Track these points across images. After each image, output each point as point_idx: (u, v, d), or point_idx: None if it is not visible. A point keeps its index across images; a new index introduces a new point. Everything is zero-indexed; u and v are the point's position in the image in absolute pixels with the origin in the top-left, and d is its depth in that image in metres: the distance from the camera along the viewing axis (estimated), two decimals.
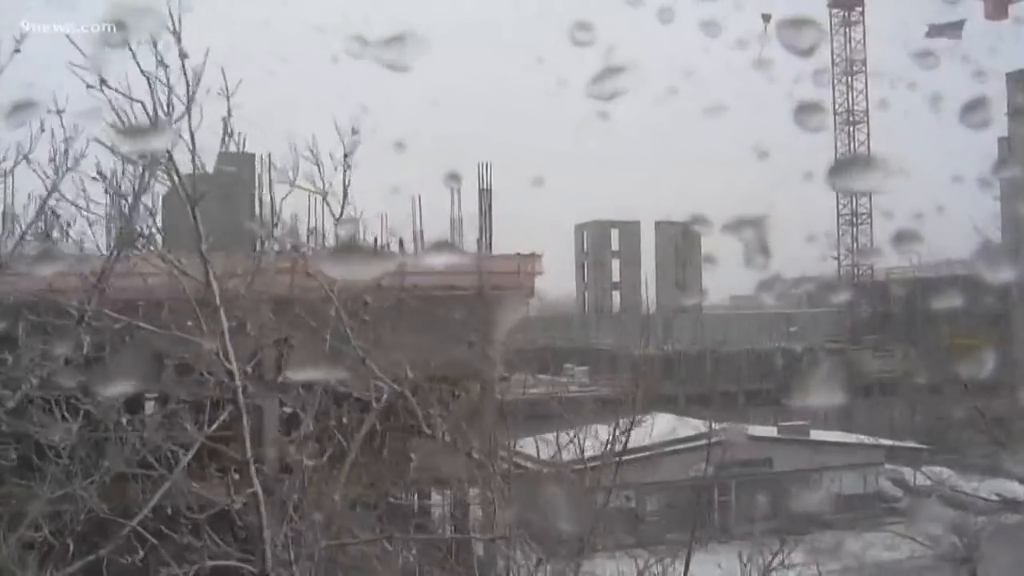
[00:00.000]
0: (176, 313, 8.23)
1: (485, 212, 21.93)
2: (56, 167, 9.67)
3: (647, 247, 62.17)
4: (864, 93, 62.33)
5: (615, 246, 63.68)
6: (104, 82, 7.81)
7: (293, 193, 11.07)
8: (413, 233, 21.12)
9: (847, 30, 62.96)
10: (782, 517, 30.35)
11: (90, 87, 7.81)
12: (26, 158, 9.65)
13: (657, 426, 26.88)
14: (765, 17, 41.84)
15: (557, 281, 58.39)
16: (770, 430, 36.07)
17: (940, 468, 30.85)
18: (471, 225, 21.62)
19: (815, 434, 35.74)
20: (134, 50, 7.86)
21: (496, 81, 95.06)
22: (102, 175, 8.83)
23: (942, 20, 41.83)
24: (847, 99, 62.47)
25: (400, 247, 18.77)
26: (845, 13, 62.72)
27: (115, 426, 8.80)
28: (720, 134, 71.86)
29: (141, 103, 7.96)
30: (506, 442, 13.41)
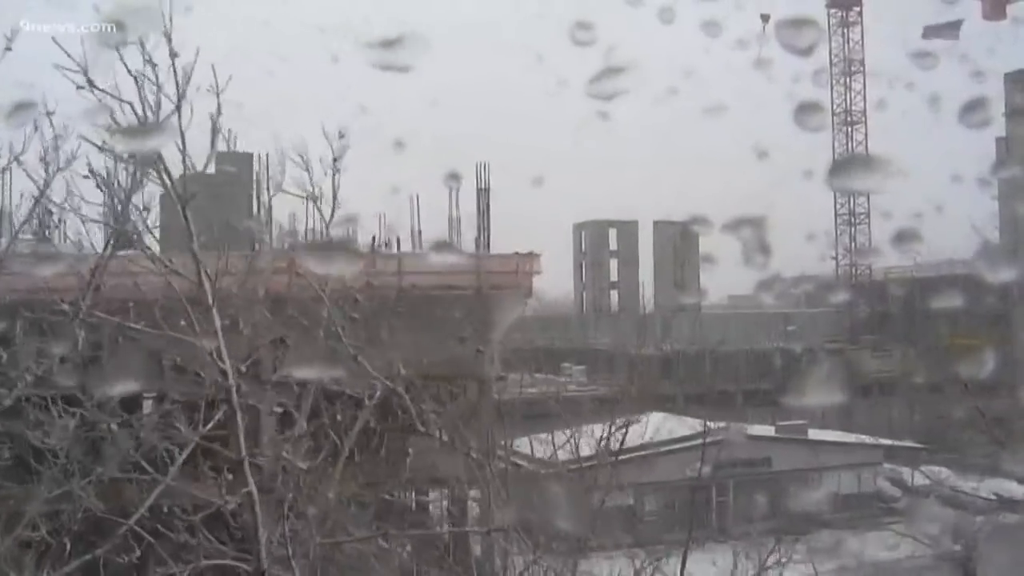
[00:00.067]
0: (169, 312, 8.21)
1: (483, 212, 21.95)
2: (47, 166, 9.64)
3: (646, 247, 62.31)
4: (862, 93, 62.44)
5: (613, 246, 63.70)
6: (92, 83, 7.78)
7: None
8: (411, 232, 21.16)
9: (845, 30, 62.96)
10: (780, 517, 30.34)
11: (80, 88, 7.78)
12: (17, 160, 9.62)
13: (655, 425, 26.90)
14: (764, 17, 41.94)
15: (555, 281, 58.45)
16: (768, 430, 36.05)
17: (939, 468, 30.86)
18: (469, 224, 21.64)
19: (813, 434, 35.73)
20: (130, 49, 7.83)
21: (496, 81, 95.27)
22: (94, 174, 8.79)
23: (940, 21, 41.81)
24: (845, 99, 62.48)
25: (385, 246, 18.77)
26: (843, 13, 62.71)
27: (112, 426, 8.77)
28: (720, 134, 72.03)
29: (130, 104, 7.92)
30: (503, 441, 13.40)
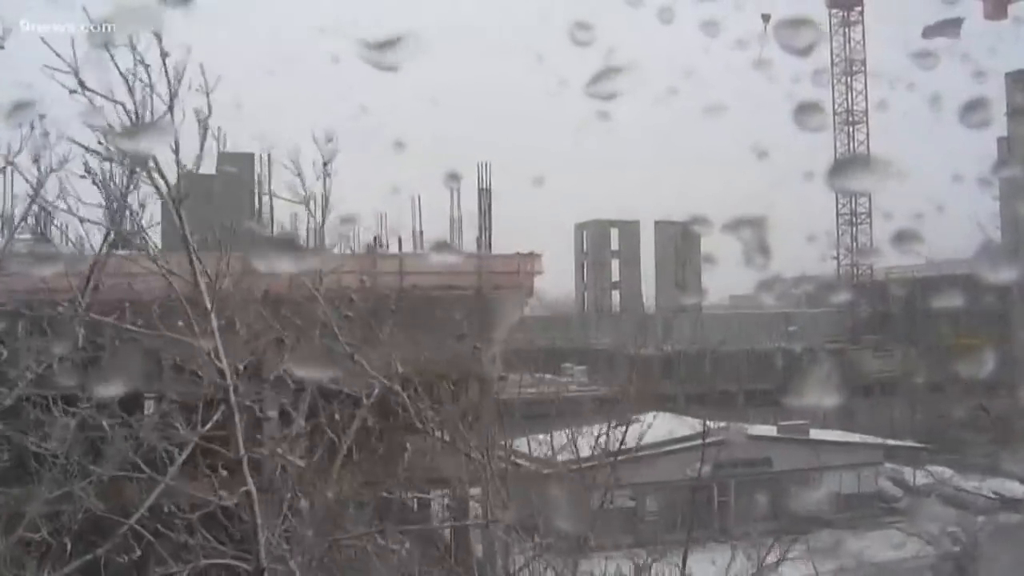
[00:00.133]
0: (168, 312, 8.22)
1: (485, 212, 21.98)
2: (39, 166, 9.63)
3: (647, 247, 62.32)
4: (864, 93, 62.44)
5: (615, 246, 63.71)
6: (83, 84, 7.78)
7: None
8: (413, 232, 21.20)
9: (846, 30, 62.95)
10: (781, 517, 30.32)
11: (73, 92, 7.78)
12: (10, 163, 9.61)
13: (656, 425, 26.88)
14: (765, 17, 41.85)
15: (557, 281, 58.41)
16: (770, 430, 36.03)
17: (940, 467, 30.87)
18: (471, 225, 21.68)
19: (815, 433, 35.69)
20: (125, 49, 7.82)
21: (496, 81, 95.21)
22: (90, 173, 8.77)
23: (940, 20, 41.67)
24: (846, 99, 62.47)
25: (380, 245, 18.80)
26: (844, 13, 62.69)
27: (112, 426, 8.77)
28: (720, 134, 71.91)
29: (122, 104, 7.92)
30: (503, 440, 13.40)
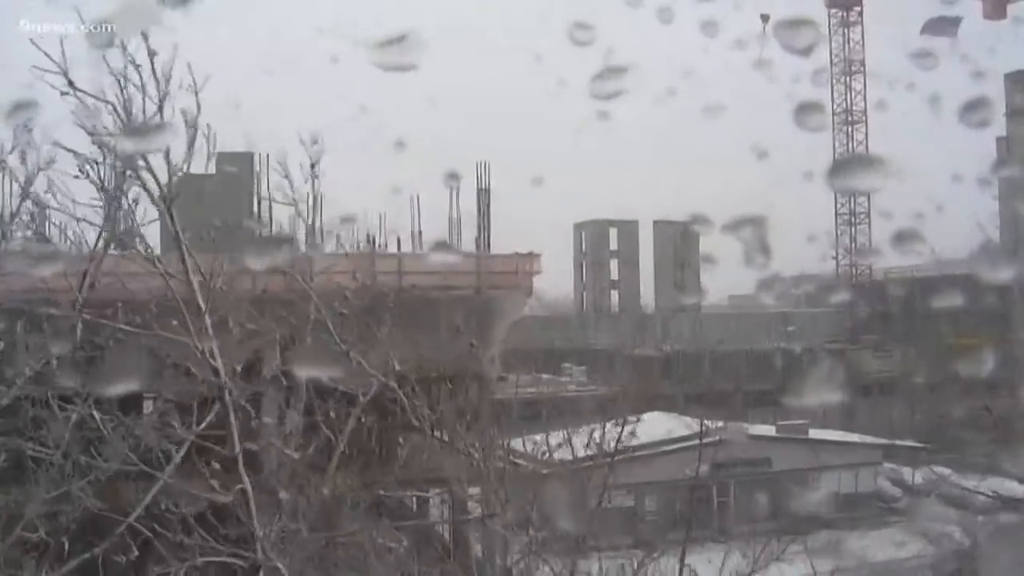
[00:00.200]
0: (164, 311, 8.22)
1: (484, 212, 21.96)
2: (27, 165, 9.64)
3: (646, 247, 62.25)
4: (863, 93, 62.44)
5: (614, 245, 63.68)
6: (72, 84, 7.79)
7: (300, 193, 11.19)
8: (412, 232, 21.18)
9: (846, 30, 62.93)
10: (781, 516, 30.32)
11: (64, 93, 7.79)
12: (1, 162, 9.61)
13: (655, 425, 26.86)
14: (764, 17, 41.80)
15: (556, 281, 58.32)
16: (769, 429, 36.04)
17: (939, 467, 30.84)
18: (470, 224, 21.66)
19: (814, 433, 35.72)
20: (119, 50, 7.83)
21: (496, 81, 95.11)
22: (85, 173, 8.77)
23: (939, 17, 41.54)
24: (846, 99, 62.47)
25: (373, 244, 18.76)
26: (844, 13, 62.68)
27: (109, 425, 8.76)
28: (720, 134, 71.86)
29: (112, 104, 7.93)
30: (501, 440, 13.39)
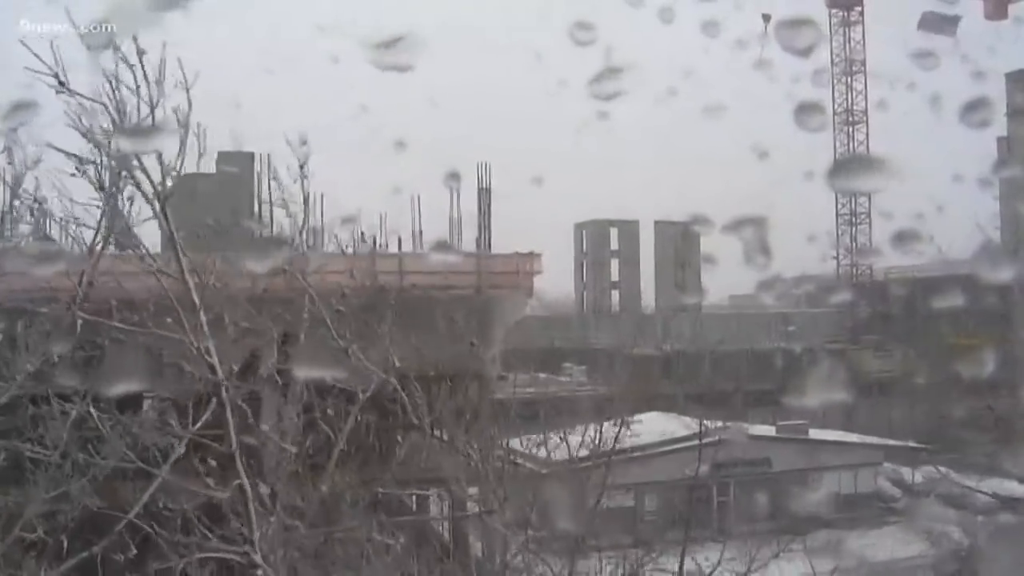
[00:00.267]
0: (161, 311, 8.23)
1: (484, 212, 21.96)
2: (14, 164, 9.64)
3: (646, 247, 62.22)
4: (864, 93, 62.40)
5: (614, 245, 63.65)
6: (64, 84, 7.80)
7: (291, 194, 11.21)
8: (412, 232, 21.18)
9: (846, 30, 62.89)
10: (781, 517, 30.33)
11: (60, 93, 7.79)
12: None
13: (655, 425, 26.85)
14: (765, 17, 41.75)
15: (556, 281, 58.28)
16: (769, 430, 36.03)
17: (939, 467, 30.80)
18: (470, 224, 21.65)
19: (814, 433, 35.72)
20: (113, 50, 7.84)
21: (496, 81, 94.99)
22: (83, 171, 8.77)
23: (936, 14, 41.23)
24: (846, 99, 62.42)
25: (364, 242, 18.67)
26: (844, 13, 62.63)
27: (106, 424, 8.76)
28: (720, 134, 71.82)
29: (103, 104, 7.94)
30: (501, 439, 13.40)
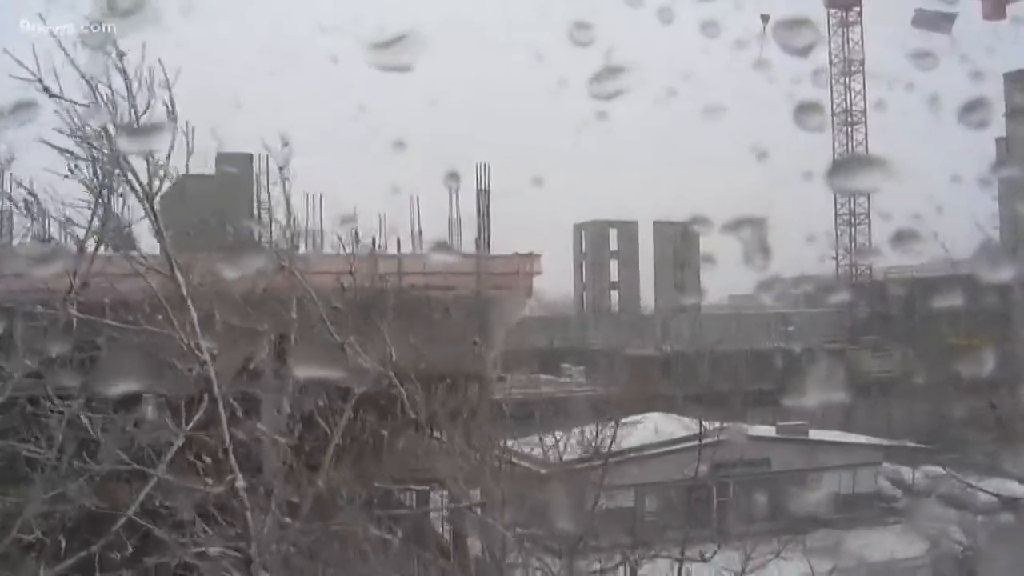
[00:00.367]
0: (155, 310, 8.25)
1: (483, 212, 21.96)
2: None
3: (646, 247, 62.21)
4: (862, 93, 62.43)
5: (614, 246, 63.66)
6: (47, 89, 7.82)
7: (292, 193, 11.26)
8: (411, 233, 21.17)
9: (845, 30, 62.93)
10: (780, 517, 30.33)
11: (53, 96, 7.80)
12: None
13: (655, 426, 26.86)
14: (764, 18, 41.78)
15: (555, 281, 58.27)
16: (768, 430, 36.03)
17: (939, 467, 30.77)
18: (470, 225, 21.65)
19: (814, 434, 35.73)
20: (106, 50, 7.85)
21: (495, 80, 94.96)
22: (76, 166, 8.80)
23: (932, 11, 41.03)
24: (845, 99, 62.47)
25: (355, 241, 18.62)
26: (843, 13, 62.66)
27: (102, 423, 8.76)
28: (719, 134, 71.87)
29: (87, 106, 7.97)
30: (500, 439, 13.42)
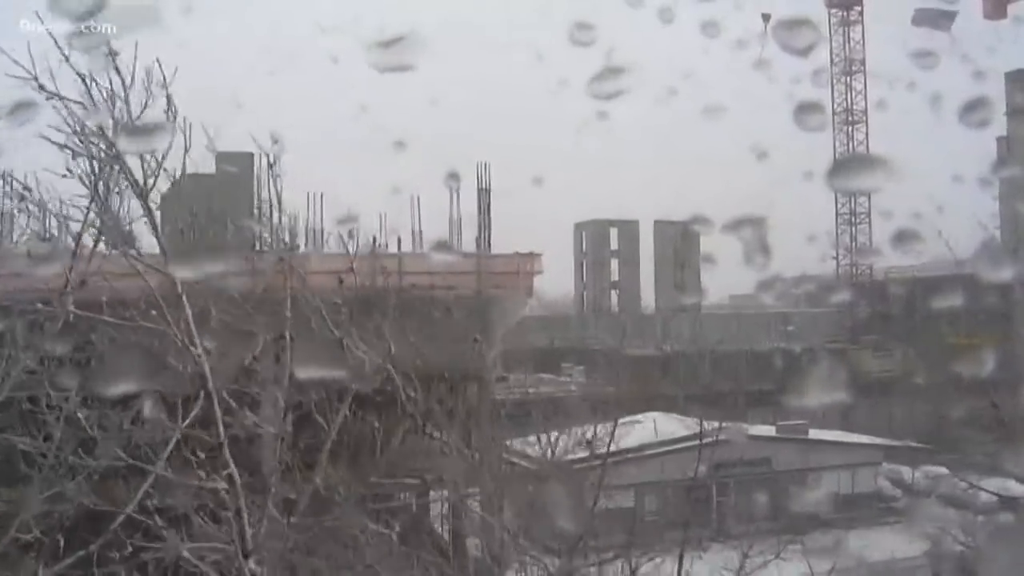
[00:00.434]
0: (151, 307, 8.27)
1: (484, 211, 21.96)
2: None
3: (646, 247, 62.22)
4: (863, 93, 62.40)
5: (614, 245, 63.67)
6: (43, 87, 7.83)
7: (284, 190, 11.30)
8: (412, 232, 21.16)
9: (846, 30, 62.90)
10: (780, 516, 30.33)
11: (49, 94, 7.80)
12: None
13: (655, 425, 26.84)
14: (765, 17, 41.71)
15: (556, 280, 58.32)
16: (769, 430, 36.04)
17: (939, 467, 30.78)
18: (470, 224, 21.64)
19: (814, 433, 35.73)
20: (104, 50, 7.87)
21: (496, 80, 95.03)
22: (74, 161, 8.82)
23: (932, 9, 40.93)
24: (846, 99, 62.44)
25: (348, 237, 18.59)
26: (844, 13, 62.63)
27: (99, 422, 8.76)
28: (720, 134, 71.88)
29: (81, 103, 7.98)
30: (500, 439, 13.42)
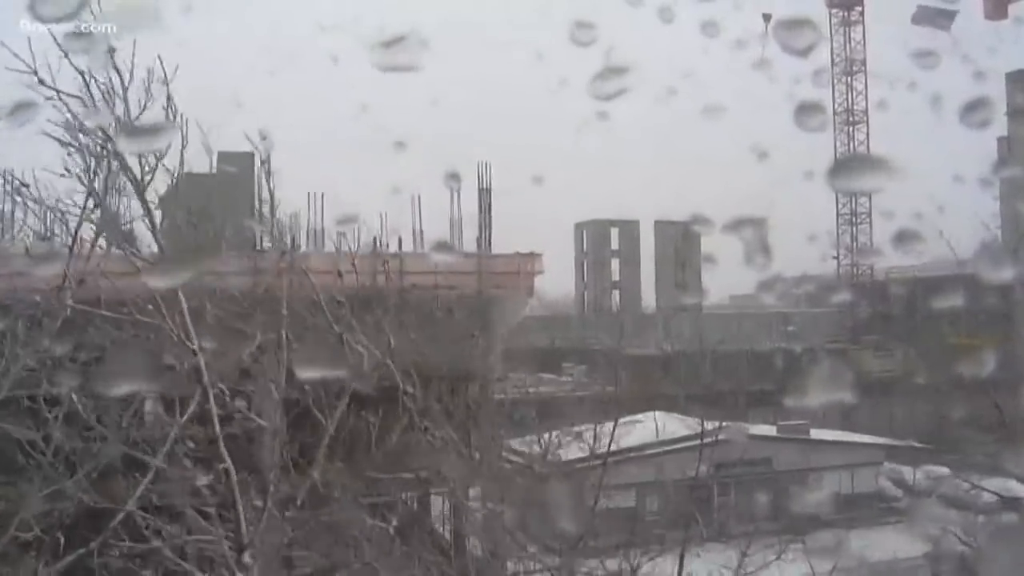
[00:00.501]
0: (146, 304, 8.28)
1: (485, 211, 21.96)
2: None
3: (647, 246, 62.27)
4: (864, 93, 62.43)
5: (615, 245, 63.72)
6: (42, 81, 7.84)
7: (277, 187, 11.32)
8: (413, 232, 21.17)
9: (846, 30, 62.92)
10: (781, 516, 30.33)
11: (49, 89, 7.80)
12: None
13: (656, 425, 26.82)
14: (766, 17, 41.69)
15: (557, 280, 58.34)
16: (770, 429, 36.03)
17: (940, 467, 30.80)
18: (471, 224, 21.64)
19: (815, 433, 35.74)
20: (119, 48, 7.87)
21: (497, 78, 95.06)
22: (72, 157, 8.82)
23: (932, 8, 40.90)
24: (847, 99, 62.46)
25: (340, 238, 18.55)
26: (844, 13, 62.65)
27: (99, 420, 8.76)
28: (720, 134, 71.87)
29: (80, 99, 7.99)
30: (500, 438, 13.43)
